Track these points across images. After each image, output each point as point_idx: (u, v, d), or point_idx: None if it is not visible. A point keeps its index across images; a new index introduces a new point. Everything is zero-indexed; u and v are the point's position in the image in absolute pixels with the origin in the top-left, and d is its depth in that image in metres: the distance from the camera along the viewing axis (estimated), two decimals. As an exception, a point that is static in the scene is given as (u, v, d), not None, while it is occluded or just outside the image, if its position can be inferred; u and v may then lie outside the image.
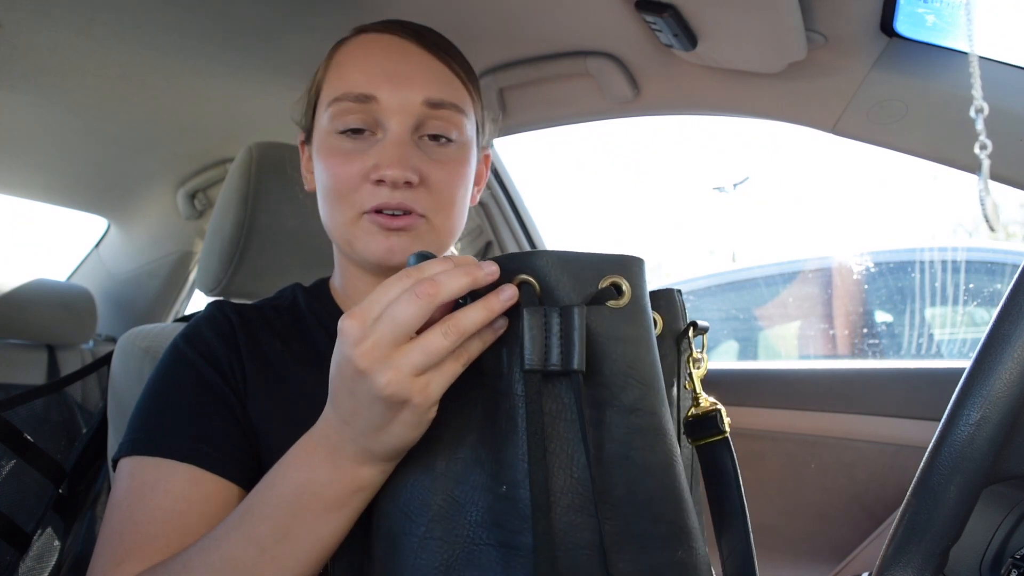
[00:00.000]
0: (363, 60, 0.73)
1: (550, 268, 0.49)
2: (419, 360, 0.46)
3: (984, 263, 2.47)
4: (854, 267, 2.68)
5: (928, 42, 0.95)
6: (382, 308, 0.46)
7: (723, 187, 5.20)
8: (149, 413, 0.68)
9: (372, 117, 0.71)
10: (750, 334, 3.04)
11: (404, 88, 0.71)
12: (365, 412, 0.48)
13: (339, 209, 0.73)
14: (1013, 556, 0.69)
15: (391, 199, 0.70)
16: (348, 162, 0.71)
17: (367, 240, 0.72)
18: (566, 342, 0.47)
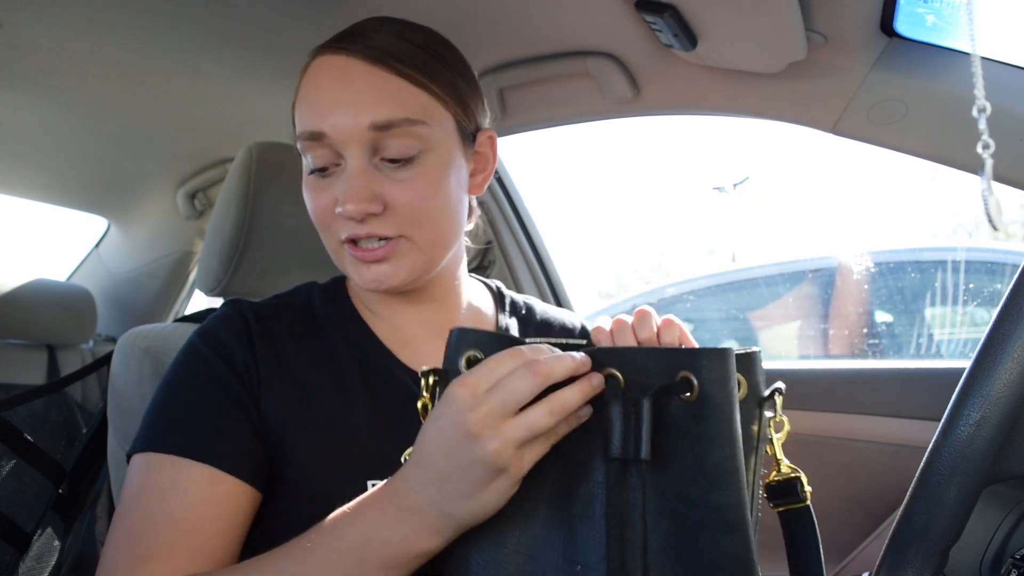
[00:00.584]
0: (311, 93, 0.72)
1: (632, 361, 0.53)
2: (523, 433, 0.49)
3: (984, 263, 2.47)
4: (854, 267, 2.68)
5: (928, 42, 0.95)
6: (492, 381, 0.50)
7: (723, 187, 5.20)
8: (164, 410, 0.69)
9: (330, 150, 0.70)
10: (750, 334, 3.04)
11: (349, 117, 0.69)
12: (461, 476, 0.51)
13: (324, 239, 0.75)
14: (1013, 556, 0.69)
15: (359, 230, 0.70)
16: (318, 196, 0.72)
17: (352, 270, 0.73)
18: (638, 433, 0.50)
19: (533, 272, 1.67)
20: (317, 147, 0.70)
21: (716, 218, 7.13)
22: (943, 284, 2.57)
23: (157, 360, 0.90)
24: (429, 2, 1.01)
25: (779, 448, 0.58)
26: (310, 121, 0.70)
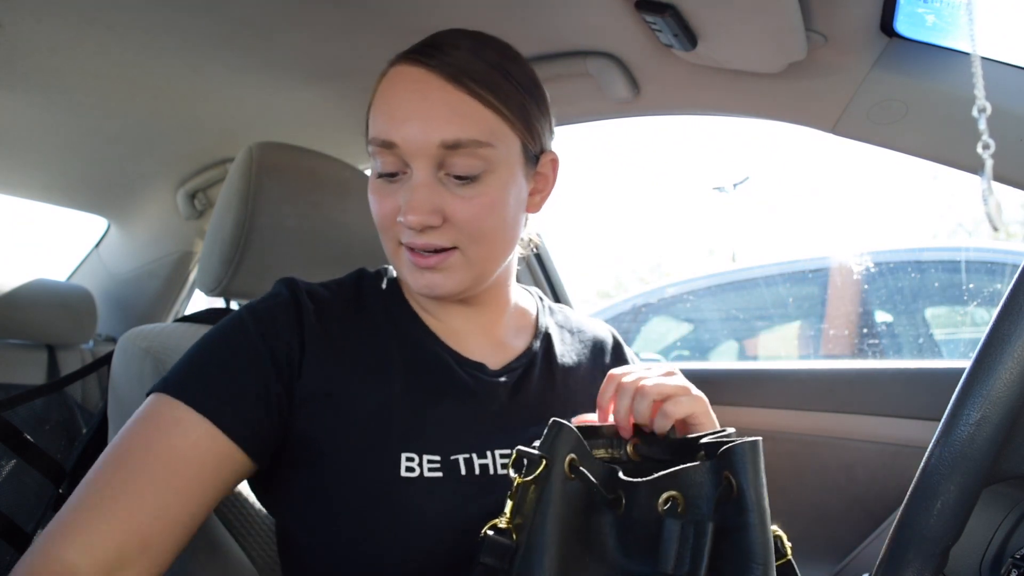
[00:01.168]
0: (387, 103, 0.75)
1: (690, 479, 0.57)
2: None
3: (984, 263, 2.47)
4: (854, 267, 2.68)
5: (928, 42, 0.95)
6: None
7: (723, 187, 5.20)
8: (193, 364, 0.71)
9: (400, 159, 0.74)
10: (750, 334, 3.04)
11: (421, 132, 0.72)
12: None
13: (385, 239, 0.78)
14: (1013, 556, 0.69)
15: (417, 240, 0.74)
16: (383, 200, 0.76)
17: (406, 272, 0.77)
18: (696, 553, 0.54)
19: (533, 272, 1.67)
20: (387, 154, 0.74)
21: (716, 218, 7.13)
22: (943, 284, 2.57)
23: (157, 360, 0.90)
24: (429, 3, 1.01)
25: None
26: (383, 130, 0.73)
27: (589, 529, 0.57)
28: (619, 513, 0.58)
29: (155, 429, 0.66)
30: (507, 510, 0.55)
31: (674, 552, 0.54)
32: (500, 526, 0.55)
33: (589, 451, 0.59)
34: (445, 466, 0.71)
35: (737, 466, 0.56)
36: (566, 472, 0.56)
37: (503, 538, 0.55)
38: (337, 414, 0.72)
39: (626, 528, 0.58)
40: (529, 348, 0.86)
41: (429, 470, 0.70)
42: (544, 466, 0.56)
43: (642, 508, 0.58)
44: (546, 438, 0.57)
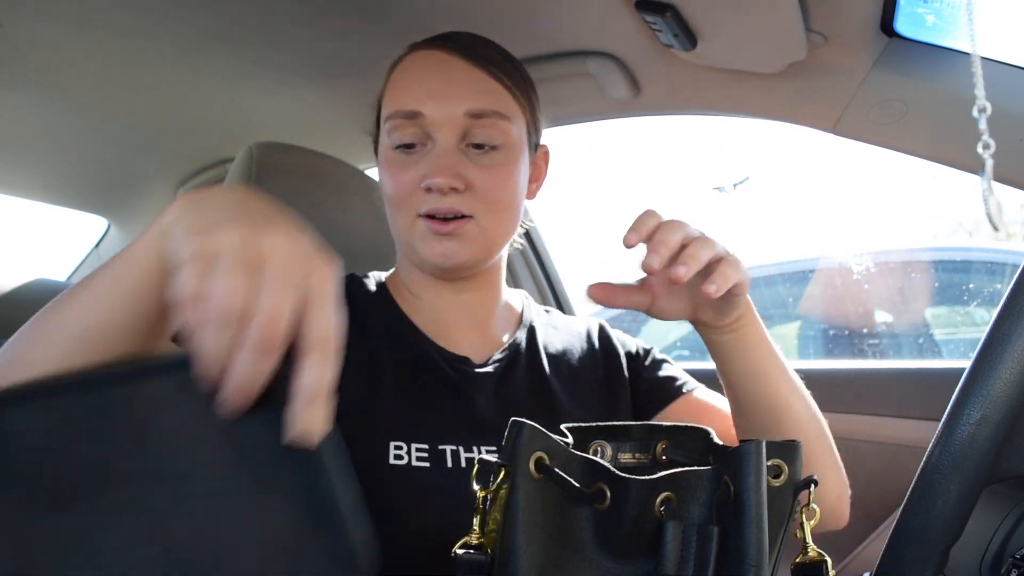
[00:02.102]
0: (411, 78, 0.79)
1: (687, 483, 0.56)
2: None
3: (984, 263, 2.47)
4: (854, 267, 2.68)
5: (928, 42, 0.95)
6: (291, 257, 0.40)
7: (723, 187, 5.21)
8: None
9: (422, 131, 0.77)
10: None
11: (447, 102, 0.76)
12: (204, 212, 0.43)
13: (399, 214, 0.79)
14: (1013, 556, 0.69)
15: (441, 204, 0.75)
16: (402, 172, 0.78)
17: (422, 244, 0.78)
18: (701, 558, 0.53)
19: (533, 272, 1.67)
20: (409, 126, 0.77)
21: (716, 218, 7.14)
22: (943, 284, 2.57)
23: (157, 360, 0.90)
24: (429, 3, 1.01)
25: (809, 533, 0.61)
26: (408, 101, 0.77)
27: (568, 526, 0.55)
28: (601, 507, 0.55)
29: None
30: (475, 525, 0.53)
31: (676, 554, 0.54)
32: (471, 543, 0.53)
33: (562, 445, 0.57)
34: (433, 456, 0.72)
35: (738, 471, 0.55)
36: (532, 472, 0.54)
37: (476, 553, 0.53)
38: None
39: (610, 524, 0.56)
40: (513, 340, 0.86)
41: (417, 459, 0.71)
42: (505, 473, 0.53)
43: (634, 506, 0.55)
44: (506, 441, 0.54)
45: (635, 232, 0.64)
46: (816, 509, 0.60)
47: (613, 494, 0.55)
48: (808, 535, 0.61)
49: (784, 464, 0.61)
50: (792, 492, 0.61)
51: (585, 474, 0.56)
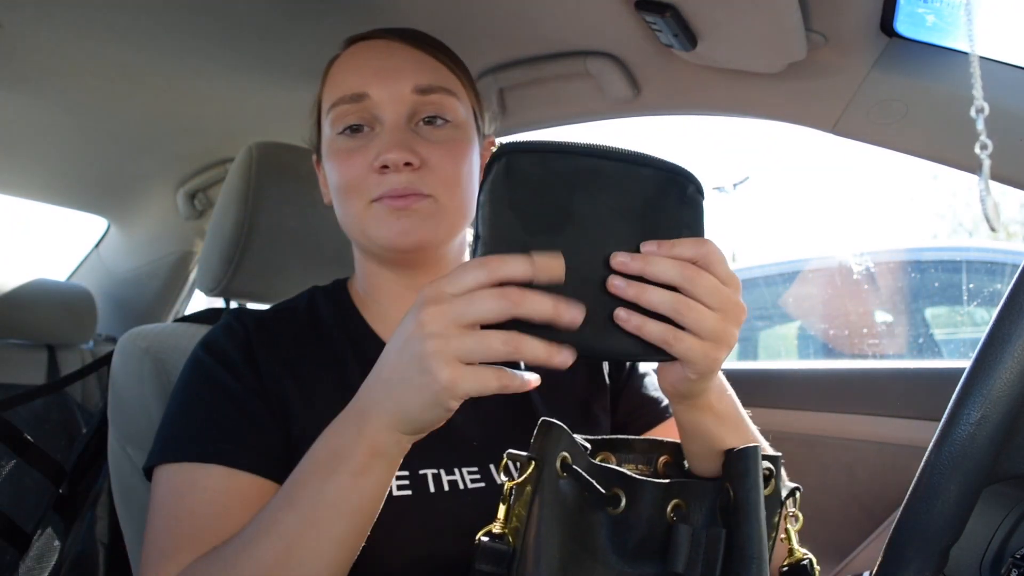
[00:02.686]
0: (353, 64, 0.78)
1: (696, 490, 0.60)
2: (470, 348, 0.48)
3: (984, 263, 2.47)
4: (854, 267, 2.68)
5: (928, 42, 0.95)
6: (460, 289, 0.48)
7: (723, 187, 5.20)
8: (174, 422, 0.71)
9: (368, 113, 0.75)
10: (750, 334, 3.04)
11: (393, 80, 0.74)
12: (401, 369, 0.51)
13: (350, 202, 0.76)
14: (1013, 556, 0.69)
15: (397, 184, 0.72)
16: (352, 157, 0.74)
17: (378, 225, 0.74)
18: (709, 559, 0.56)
19: (533, 272, 1.67)
20: (355, 110, 0.74)
21: (716, 218, 7.13)
22: (943, 284, 2.57)
23: (157, 360, 0.90)
24: (430, 3, 1.01)
25: (795, 537, 0.65)
26: (353, 84, 0.75)
27: (586, 528, 0.57)
28: (616, 511, 0.58)
29: (174, 502, 0.65)
30: (500, 515, 0.55)
31: (686, 556, 0.56)
32: (494, 531, 0.54)
33: (582, 449, 0.59)
34: (414, 483, 0.70)
35: (737, 474, 0.59)
36: (558, 471, 0.56)
37: (499, 544, 0.54)
38: (304, 439, 0.69)
39: (624, 527, 0.58)
40: None
41: (398, 488, 0.69)
42: (534, 467, 0.55)
43: (647, 509, 0.58)
44: (536, 438, 0.57)
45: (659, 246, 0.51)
46: (799, 515, 0.65)
47: (628, 498, 0.58)
48: (794, 539, 0.65)
49: (772, 475, 0.64)
50: (779, 501, 0.65)
51: (601, 479, 0.58)
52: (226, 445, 0.67)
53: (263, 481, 0.67)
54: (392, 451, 0.54)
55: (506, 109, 1.32)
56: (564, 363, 0.49)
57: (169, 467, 0.68)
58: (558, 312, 0.48)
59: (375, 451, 0.54)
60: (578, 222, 0.50)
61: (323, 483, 0.55)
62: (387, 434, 0.53)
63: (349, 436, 0.55)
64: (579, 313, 0.48)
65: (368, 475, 0.54)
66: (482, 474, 0.74)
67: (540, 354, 0.48)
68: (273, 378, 0.73)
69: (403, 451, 0.55)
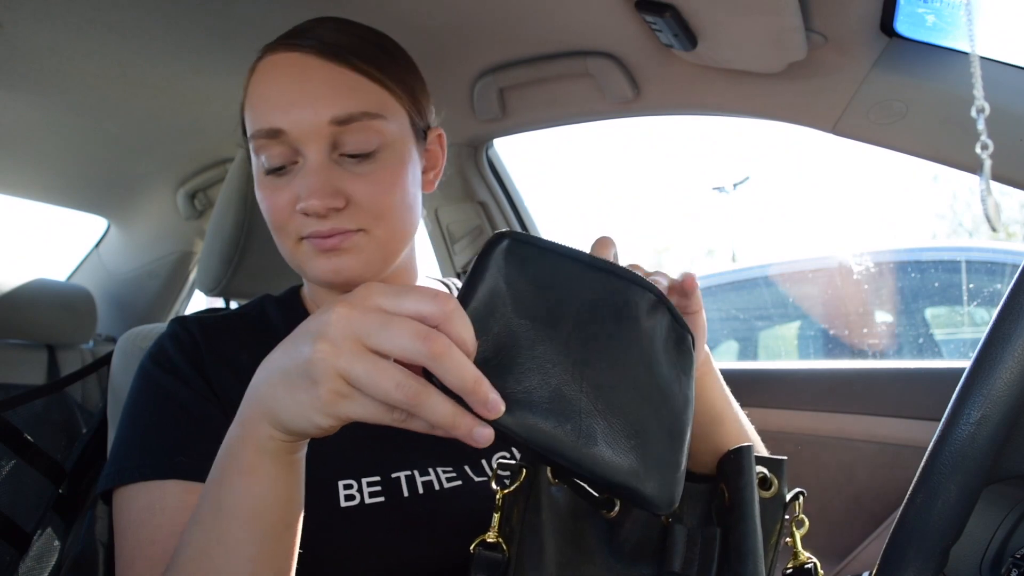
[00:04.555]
0: (266, 91, 0.71)
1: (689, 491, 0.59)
2: (359, 374, 0.41)
3: (984, 263, 2.47)
4: (854, 267, 2.68)
5: (928, 42, 0.95)
6: (397, 307, 0.42)
7: (723, 187, 5.20)
8: (126, 440, 0.68)
9: (288, 148, 0.69)
10: (750, 334, 3.04)
11: (308, 113, 0.68)
12: (286, 362, 0.45)
13: (280, 239, 0.73)
14: (1013, 556, 0.69)
15: (321, 227, 0.69)
16: (275, 194, 0.71)
17: (311, 264, 0.71)
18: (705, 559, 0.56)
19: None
20: (274, 145, 0.69)
21: (716, 218, 7.14)
22: (943, 284, 2.57)
23: (157, 360, 0.90)
24: (429, 2, 1.01)
25: (799, 541, 0.64)
26: (267, 119, 0.69)
27: (580, 533, 0.57)
28: (611, 514, 0.58)
29: (138, 525, 0.63)
30: (494, 523, 0.54)
31: (683, 556, 0.56)
32: (489, 540, 0.54)
33: None
34: (387, 487, 0.67)
35: (731, 474, 0.60)
36: (550, 478, 0.55)
37: (493, 552, 0.53)
38: None
39: (619, 530, 0.58)
40: None
41: (370, 495, 0.67)
42: (525, 475, 0.55)
43: (642, 512, 0.58)
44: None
45: None
46: (805, 519, 0.64)
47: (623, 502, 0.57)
48: (799, 543, 0.64)
49: (774, 477, 0.64)
50: (782, 505, 0.65)
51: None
52: (181, 457, 0.64)
53: None
54: (268, 446, 0.47)
55: (506, 109, 1.32)
56: (473, 438, 0.41)
57: (126, 490, 0.65)
58: (478, 388, 0.41)
59: (256, 446, 0.47)
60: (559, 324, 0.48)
61: (219, 488, 0.49)
62: (260, 424, 0.47)
63: (236, 428, 0.49)
64: (499, 405, 0.42)
65: (257, 474, 0.47)
66: (458, 472, 0.72)
67: (443, 417, 0.41)
68: (222, 383, 0.70)
69: (288, 450, 0.48)
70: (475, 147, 1.54)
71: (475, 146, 1.53)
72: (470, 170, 1.56)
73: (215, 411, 0.69)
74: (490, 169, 1.59)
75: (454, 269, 1.67)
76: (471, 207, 1.61)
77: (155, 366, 0.71)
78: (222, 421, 0.67)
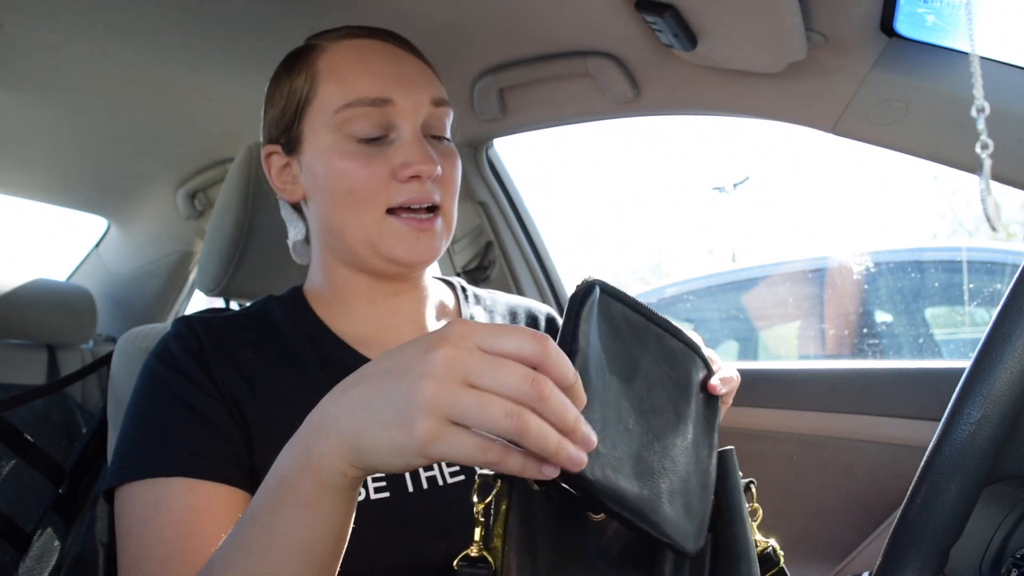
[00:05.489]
0: (367, 65, 0.75)
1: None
2: (467, 408, 0.41)
3: (984, 263, 2.47)
4: (854, 267, 2.68)
5: (928, 42, 0.95)
6: (493, 347, 0.43)
7: (723, 187, 5.21)
8: (130, 438, 0.68)
9: (387, 120, 0.74)
10: (750, 334, 3.04)
11: (413, 90, 0.75)
12: (378, 395, 0.44)
13: (359, 211, 0.73)
14: (1013, 556, 0.69)
15: (420, 193, 0.73)
16: (370, 163, 0.73)
17: (394, 242, 0.73)
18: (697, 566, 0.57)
19: (533, 272, 1.67)
20: (372, 114, 0.73)
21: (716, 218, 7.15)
22: (943, 284, 2.57)
23: (157, 360, 0.90)
24: (429, 2, 1.01)
25: (755, 528, 0.66)
26: (374, 88, 0.73)
27: (568, 538, 0.56)
28: (599, 516, 0.57)
29: (143, 523, 0.62)
30: (476, 537, 0.52)
31: (671, 559, 0.55)
32: (472, 555, 0.52)
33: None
34: (391, 484, 0.68)
35: (717, 480, 0.60)
36: (531, 484, 0.54)
37: (478, 568, 0.51)
38: (269, 446, 0.68)
39: (608, 533, 0.57)
40: None
41: (375, 491, 0.67)
42: (503, 484, 0.53)
43: None
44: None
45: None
46: (759, 509, 0.66)
47: None
48: (755, 530, 0.65)
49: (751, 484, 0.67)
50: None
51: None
52: (187, 455, 0.64)
53: (230, 490, 0.65)
54: (338, 482, 0.46)
55: (506, 109, 1.32)
56: (573, 462, 0.43)
57: (130, 487, 0.64)
58: (578, 427, 0.42)
59: (321, 480, 0.46)
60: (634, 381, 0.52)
61: (270, 518, 0.48)
62: (334, 459, 0.45)
63: (296, 460, 0.47)
64: (593, 438, 0.43)
65: (316, 508, 0.47)
66: (461, 467, 0.72)
67: (549, 441, 0.41)
68: (227, 383, 0.70)
69: (353, 485, 0.47)
70: (475, 147, 1.54)
71: (475, 146, 1.54)
72: (470, 170, 1.56)
73: (220, 410, 0.69)
74: (490, 169, 1.60)
75: (454, 269, 1.67)
76: (471, 207, 1.61)
77: (160, 364, 0.72)
78: (227, 421, 0.68)
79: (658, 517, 0.49)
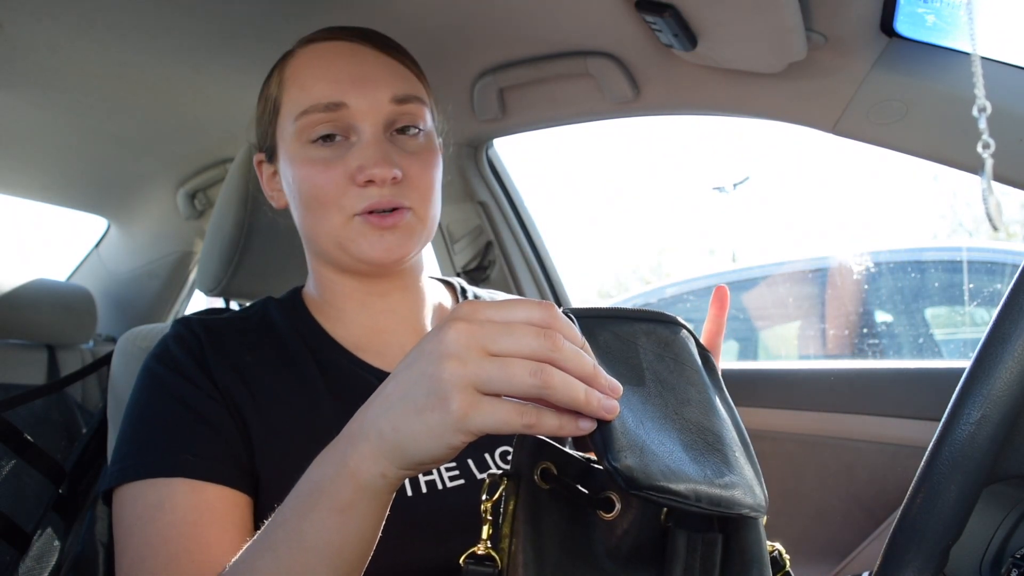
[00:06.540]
0: (324, 69, 0.74)
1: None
2: (491, 374, 0.42)
3: (984, 263, 2.47)
4: (854, 267, 2.68)
5: (928, 42, 0.95)
6: (501, 317, 0.44)
7: (723, 187, 5.21)
8: (132, 437, 0.68)
9: (344, 123, 0.73)
10: (750, 334, 3.04)
11: (370, 90, 0.73)
12: (406, 387, 0.45)
13: (326, 215, 0.73)
14: (1013, 556, 0.69)
15: (381, 198, 0.71)
16: (329, 168, 0.72)
17: (361, 242, 0.73)
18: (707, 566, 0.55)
19: (533, 272, 1.67)
20: (327, 119, 0.72)
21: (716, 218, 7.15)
22: (943, 284, 2.57)
23: (157, 360, 0.90)
24: (429, 2, 1.01)
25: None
26: (328, 92, 0.72)
27: (577, 536, 0.56)
28: (610, 515, 0.56)
29: (146, 523, 0.62)
30: (483, 535, 0.52)
31: (682, 560, 0.55)
32: (479, 553, 0.52)
33: (571, 456, 0.57)
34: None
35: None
36: (539, 483, 0.54)
37: (484, 566, 0.52)
38: (268, 447, 0.68)
39: (618, 533, 0.57)
40: None
41: None
42: (510, 483, 0.53)
43: (642, 514, 0.57)
44: (513, 454, 0.55)
45: None
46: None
47: (622, 502, 0.56)
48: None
49: None
50: None
51: (594, 483, 0.57)
52: (187, 456, 0.64)
53: (231, 492, 0.65)
54: (377, 484, 0.47)
55: (506, 109, 1.32)
56: (605, 410, 0.44)
57: (131, 487, 0.64)
58: (598, 374, 0.44)
59: (359, 484, 0.47)
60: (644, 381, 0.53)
61: (301, 521, 0.49)
62: (374, 462, 0.46)
63: (332, 466, 0.48)
64: (618, 386, 0.45)
65: (352, 512, 0.48)
66: (461, 470, 0.72)
67: (575, 391, 0.43)
68: (226, 383, 0.70)
69: (391, 487, 0.48)
70: (475, 147, 1.54)
71: (475, 146, 1.54)
72: (470, 170, 1.56)
73: (220, 412, 0.69)
74: (490, 169, 1.60)
75: (454, 269, 1.67)
76: (471, 207, 1.61)
77: (160, 365, 0.71)
78: (227, 422, 0.68)
79: (721, 497, 0.50)
